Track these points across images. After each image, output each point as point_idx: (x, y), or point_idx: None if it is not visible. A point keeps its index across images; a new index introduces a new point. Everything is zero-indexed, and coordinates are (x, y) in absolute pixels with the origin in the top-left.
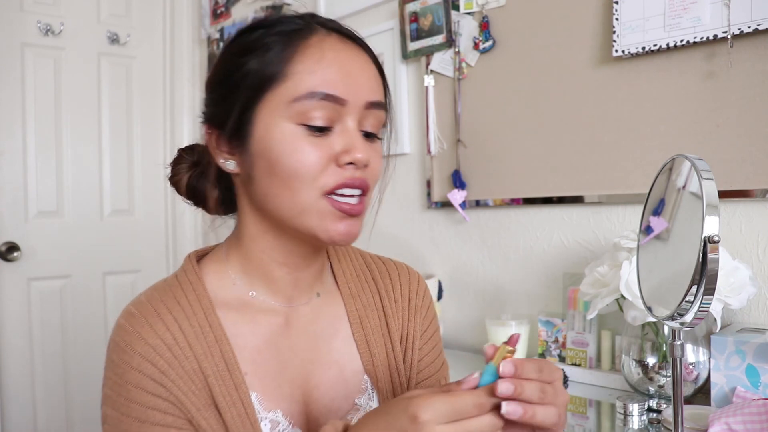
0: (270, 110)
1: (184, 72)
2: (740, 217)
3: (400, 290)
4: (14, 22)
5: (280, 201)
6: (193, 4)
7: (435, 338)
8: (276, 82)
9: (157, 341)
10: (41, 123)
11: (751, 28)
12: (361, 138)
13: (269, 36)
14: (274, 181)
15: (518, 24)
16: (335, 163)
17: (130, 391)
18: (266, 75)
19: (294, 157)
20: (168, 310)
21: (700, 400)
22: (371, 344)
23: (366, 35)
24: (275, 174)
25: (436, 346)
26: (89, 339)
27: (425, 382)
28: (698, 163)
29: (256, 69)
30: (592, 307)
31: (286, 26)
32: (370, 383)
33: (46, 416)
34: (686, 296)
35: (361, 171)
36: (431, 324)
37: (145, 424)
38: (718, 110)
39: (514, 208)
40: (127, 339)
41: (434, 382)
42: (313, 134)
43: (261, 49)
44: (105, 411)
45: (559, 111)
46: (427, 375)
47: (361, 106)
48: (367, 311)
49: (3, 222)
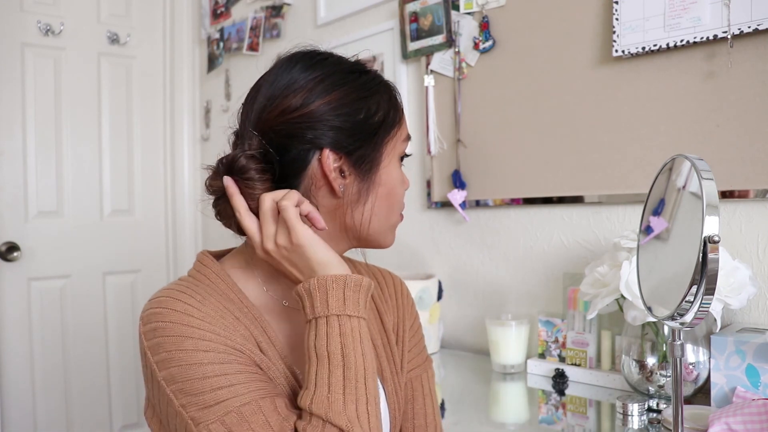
0: (392, 148)
1: (184, 72)
2: (740, 217)
3: (388, 291)
4: (14, 22)
5: (381, 220)
6: (193, 4)
7: (419, 333)
8: (397, 125)
9: (199, 310)
10: (41, 123)
11: (751, 28)
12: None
13: (379, 84)
14: (385, 204)
15: (518, 24)
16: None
17: (197, 355)
18: (395, 119)
19: (402, 187)
20: (202, 298)
21: (700, 400)
22: (373, 338)
23: (366, 35)
24: (388, 199)
25: (420, 340)
26: (89, 339)
27: (414, 372)
28: (698, 163)
29: (387, 113)
30: (592, 307)
31: (381, 78)
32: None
33: (46, 416)
34: (686, 296)
35: None
36: (416, 319)
37: (226, 376)
38: (718, 110)
39: (514, 208)
40: (169, 317)
41: (421, 371)
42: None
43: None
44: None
45: (559, 111)
46: (415, 365)
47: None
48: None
49: (3, 222)
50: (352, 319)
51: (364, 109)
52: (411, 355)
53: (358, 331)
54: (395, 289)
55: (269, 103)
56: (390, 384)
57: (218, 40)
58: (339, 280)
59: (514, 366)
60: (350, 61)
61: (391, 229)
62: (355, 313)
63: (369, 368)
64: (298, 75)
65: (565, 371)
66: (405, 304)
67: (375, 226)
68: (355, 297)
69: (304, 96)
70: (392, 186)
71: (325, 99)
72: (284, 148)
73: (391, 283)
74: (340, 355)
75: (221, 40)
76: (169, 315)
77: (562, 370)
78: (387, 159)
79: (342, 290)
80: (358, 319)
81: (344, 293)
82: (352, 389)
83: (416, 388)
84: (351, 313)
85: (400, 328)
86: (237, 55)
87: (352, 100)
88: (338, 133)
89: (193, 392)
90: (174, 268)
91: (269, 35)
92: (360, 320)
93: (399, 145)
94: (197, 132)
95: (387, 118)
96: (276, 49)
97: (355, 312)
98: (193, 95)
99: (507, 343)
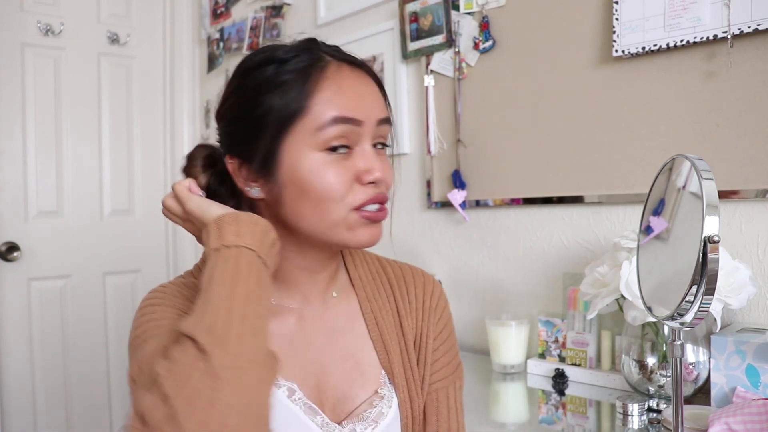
0: (296, 142)
1: (184, 72)
2: (740, 217)
3: (414, 293)
4: (14, 22)
5: (311, 220)
6: (193, 4)
7: (449, 341)
8: (300, 116)
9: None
10: (41, 123)
11: (751, 28)
12: (376, 156)
13: (286, 73)
14: (306, 204)
15: (518, 24)
16: (358, 182)
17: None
18: (291, 111)
19: (324, 182)
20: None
21: (700, 400)
22: (386, 342)
23: (366, 35)
24: (307, 198)
25: (450, 350)
26: (89, 339)
27: (439, 383)
28: (698, 163)
29: (280, 106)
30: (592, 307)
31: (299, 62)
32: (387, 377)
33: (46, 416)
34: (686, 296)
35: (380, 187)
36: (446, 327)
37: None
38: (718, 110)
39: (514, 208)
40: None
41: (448, 383)
42: (337, 158)
43: (281, 87)
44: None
45: (559, 111)
46: (441, 376)
47: (374, 124)
48: (382, 312)
49: (3, 222)
50: (231, 249)
51: (249, 107)
52: (437, 366)
53: (235, 258)
54: (424, 291)
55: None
56: (402, 389)
57: (218, 40)
58: (217, 219)
59: (514, 366)
60: (261, 56)
61: (335, 226)
62: (234, 243)
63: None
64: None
65: (565, 371)
66: (432, 307)
67: (311, 226)
68: (233, 229)
69: (220, 103)
70: (305, 182)
71: (223, 105)
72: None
73: (421, 284)
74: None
75: (221, 40)
76: (149, 299)
77: (562, 370)
78: (292, 155)
79: (217, 226)
80: (238, 249)
81: (219, 227)
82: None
83: (441, 400)
84: (229, 243)
85: (422, 334)
86: (237, 55)
87: (240, 101)
88: (230, 137)
89: (134, 346)
90: (174, 268)
91: (269, 35)
92: (240, 249)
93: (310, 137)
94: (197, 132)
95: (278, 111)
96: None
97: (235, 242)
98: (193, 95)
99: (507, 343)
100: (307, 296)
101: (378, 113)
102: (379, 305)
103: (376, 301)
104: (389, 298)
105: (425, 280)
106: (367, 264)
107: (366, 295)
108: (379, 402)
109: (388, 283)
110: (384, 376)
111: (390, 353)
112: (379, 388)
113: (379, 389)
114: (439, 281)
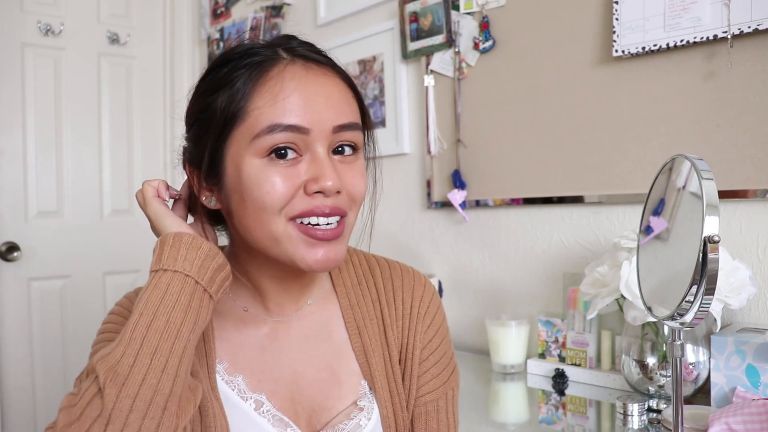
0: (237, 147)
1: (184, 72)
2: (740, 217)
3: (401, 297)
4: (14, 22)
5: (254, 232)
6: (193, 4)
7: (441, 350)
8: (239, 120)
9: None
10: (41, 123)
11: (751, 28)
12: (332, 164)
13: (236, 70)
14: (248, 214)
15: (518, 24)
16: (304, 191)
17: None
18: (230, 113)
19: (262, 189)
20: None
21: (700, 400)
22: (368, 353)
23: (366, 35)
24: (247, 207)
25: (442, 358)
26: (89, 339)
27: (428, 396)
28: (698, 163)
29: (223, 107)
30: (592, 307)
31: (251, 58)
32: (368, 388)
33: (46, 416)
34: (686, 296)
35: (333, 198)
36: (436, 335)
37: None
38: (718, 110)
39: (514, 208)
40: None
41: (438, 395)
42: (281, 165)
43: (228, 86)
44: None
45: (559, 111)
46: (430, 389)
47: (328, 131)
48: (366, 321)
49: (3, 222)
50: (165, 273)
51: (198, 110)
52: (424, 379)
53: (166, 285)
54: (412, 295)
55: None
56: (386, 404)
57: (218, 40)
58: (161, 239)
59: (514, 366)
60: (218, 57)
61: (277, 241)
62: (170, 267)
63: (160, 323)
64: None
65: (565, 371)
66: (421, 314)
67: (256, 240)
68: (173, 252)
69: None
70: (244, 189)
71: (186, 109)
72: None
73: (410, 287)
74: (137, 307)
75: (221, 40)
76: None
77: (562, 370)
78: (235, 160)
79: (160, 246)
80: (173, 273)
81: (161, 248)
82: (127, 339)
83: (430, 413)
84: (165, 267)
85: (407, 347)
86: None
87: (195, 103)
88: (188, 144)
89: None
90: None
91: (269, 35)
92: (175, 274)
93: (253, 143)
94: None
95: (222, 112)
96: None
97: (171, 266)
98: None
99: (507, 343)
100: (280, 305)
101: (335, 118)
102: (363, 313)
103: (360, 308)
104: (374, 304)
105: (415, 284)
106: (353, 266)
107: (349, 302)
108: (357, 414)
109: (374, 287)
110: (365, 387)
111: (372, 365)
112: (358, 400)
113: (358, 401)
114: (434, 281)
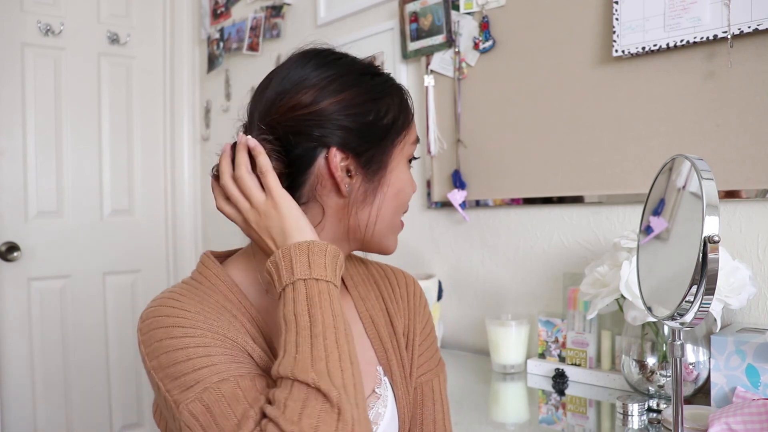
0: (400, 149)
1: (184, 72)
2: (740, 217)
3: (400, 293)
4: (14, 22)
5: (379, 221)
6: (193, 4)
7: (432, 336)
8: (406, 129)
9: (194, 306)
10: (41, 123)
11: (751, 28)
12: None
13: (391, 87)
14: (389, 205)
15: (518, 24)
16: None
17: (184, 340)
18: (404, 123)
19: (411, 189)
20: (200, 298)
21: (700, 400)
22: (383, 340)
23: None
24: (397, 199)
25: (432, 344)
26: (89, 339)
27: (423, 377)
28: (698, 163)
29: (397, 116)
30: (592, 307)
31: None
32: (383, 374)
33: (46, 416)
34: (686, 296)
35: None
36: (428, 323)
37: (209, 357)
38: (718, 110)
39: (514, 208)
40: (163, 311)
41: (432, 376)
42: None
43: (392, 98)
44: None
45: (559, 111)
46: (426, 369)
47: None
48: (375, 311)
49: (3, 222)
50: (320, 282)
51: (374, 110)
52: (422, 360)
53: (327, 293)
54: (407, 290)
55: (279, 98)
56: (400, 387)
57: (218, 40)
58: (302, 246)
59: (514, 366)
60: (364, 62)
61: (393, 231)
62: (322, 277)
63: (340, 327)
64: (311, 72)
65: (565, 371)
66: (417, 305)
67: (379, 227)
68: (320, 261)
69: (314, 94)
70: (400, 187)
71: (336, 98)
72: (291, 144)
73: (404, 284)
74: (306, 315)
75: (221, 40)
76: (163, 310)
77: (562, 370)
78: (395, 161)
79: (306, 255)
80: (326, 283)
81: (309, 258)
82: (320, 347)
83: (426, 393)
84: (318, 276)
85: (410, 331)
86: (237, 55)
87: (363, 102)
88: (347, 132)
89: (176, 375)
90: (174, 268)
91: (269, 35)
92: (328, 284)
93: (407, 148)
94: (197, 132)
95: (397, 121)
96: (276, 50)
97: (322, 276)
98: (193, 95)
99: (507, 343)
100: None
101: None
102: (371, 304)
103: (369, 300)
104: (378, 298)
105: (407, 281)
106: (355, 266)
107: (359, 295)
108: (375, 402)
109: (375, 284)
110: (380, 374)
111: (387, 351)
112: (376, 387)
113: (376, 388)
114: (434, 281)
